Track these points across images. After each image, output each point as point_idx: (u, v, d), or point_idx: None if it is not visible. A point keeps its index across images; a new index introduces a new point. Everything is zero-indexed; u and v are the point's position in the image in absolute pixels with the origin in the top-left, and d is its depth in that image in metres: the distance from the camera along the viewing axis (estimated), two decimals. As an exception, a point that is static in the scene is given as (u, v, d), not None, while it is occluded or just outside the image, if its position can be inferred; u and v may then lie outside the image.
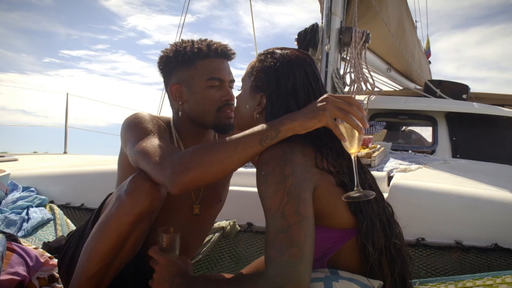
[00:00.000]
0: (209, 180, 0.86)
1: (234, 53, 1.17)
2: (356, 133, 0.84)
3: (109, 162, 2.67)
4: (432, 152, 3.17)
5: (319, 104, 0.85)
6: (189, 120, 1.17)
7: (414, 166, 1.89)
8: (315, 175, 0.83)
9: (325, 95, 0.87)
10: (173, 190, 0.87)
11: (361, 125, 0.84)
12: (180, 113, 1.16)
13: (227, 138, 0.87)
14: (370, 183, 0.94)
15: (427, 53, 6.95)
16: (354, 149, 0.84)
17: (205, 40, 1.16)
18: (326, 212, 0.84)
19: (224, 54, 1.14)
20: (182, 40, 1.18)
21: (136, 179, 0.96)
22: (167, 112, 1.23)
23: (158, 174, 0.90)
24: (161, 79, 1.20)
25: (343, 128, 0.84)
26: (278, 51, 0.96)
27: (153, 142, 0.99)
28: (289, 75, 0.92)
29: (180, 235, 0.95)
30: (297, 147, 0.84)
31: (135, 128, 1.06)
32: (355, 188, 0.83)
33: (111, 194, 1.13)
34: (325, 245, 0.85)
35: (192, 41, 1.15)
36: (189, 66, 1.12)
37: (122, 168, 1.17)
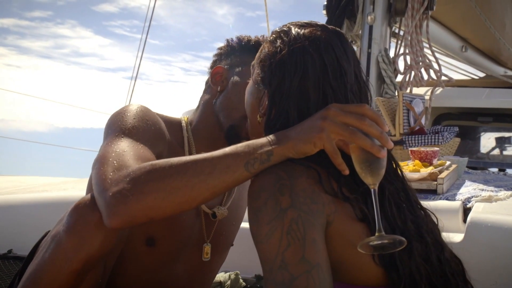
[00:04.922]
0: (168, 212, 0.88)
1: None
2: (374, 157, 0.86)
3: (54, 186, 2.67)
4: (531, 173, 3.18)
5: (316, 121, 0.88)
6: (214, 116, 1.32)
7: (503, 193, 1.85)
8: (327, 206, 0.85)
9: (327, 106, 0.89)
10: (110, 222, 0.87)
11: (378, 145, 0.85)
12: (215, 100, 1.31)
13: (203, 155, 0.90)
14: (422, 223, 0.95)
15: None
16: (371, 179, 0.86)
17: None
18: (344, 261, 0.86)
19: None
20: None
21: (80, 207, 0.96)
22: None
23: (98, 195, 0.91)
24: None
25: (355, 150, 0.86)
26: (294, 30, 0.98)
27: (124, 145, 1.01)
28: (297, 67, 0.93)
29: None
30: (298, 168, 0.87)
31: (116, 124, 1.10)
32: (376, 234, 0.83)
33: (48, 232, 1.14)
34: None
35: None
36: (248, 53, 1.30)
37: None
